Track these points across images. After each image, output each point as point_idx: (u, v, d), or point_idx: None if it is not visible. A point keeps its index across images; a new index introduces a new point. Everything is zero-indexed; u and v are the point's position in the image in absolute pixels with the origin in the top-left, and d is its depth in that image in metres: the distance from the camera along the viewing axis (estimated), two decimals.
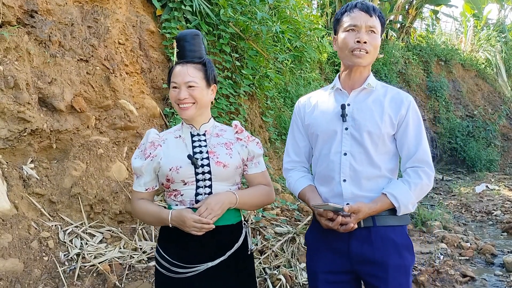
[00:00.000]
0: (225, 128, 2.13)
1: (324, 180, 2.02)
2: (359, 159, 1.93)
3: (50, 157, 3.37)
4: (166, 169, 1.93)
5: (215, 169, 1.96)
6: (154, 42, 4.53)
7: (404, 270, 1.92)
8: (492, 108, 14.16)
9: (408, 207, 1.91)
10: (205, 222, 1.85)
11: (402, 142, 1.96)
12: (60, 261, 2.95)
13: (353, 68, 1.99)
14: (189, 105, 1.95)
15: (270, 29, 5.33)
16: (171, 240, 1.98)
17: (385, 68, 10.89)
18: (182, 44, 2.02)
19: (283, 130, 6.06)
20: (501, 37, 14.82)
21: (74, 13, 3.73)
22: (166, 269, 1.94)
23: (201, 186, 1.95)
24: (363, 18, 1.92)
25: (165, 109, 4.34)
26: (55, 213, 3.20)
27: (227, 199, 1.94)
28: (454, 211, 7.65)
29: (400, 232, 1.95)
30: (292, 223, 4.40)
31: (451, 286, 4.18)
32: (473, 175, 11.54)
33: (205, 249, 1.93)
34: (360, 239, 1.92)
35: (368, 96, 1.99)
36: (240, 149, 2.05)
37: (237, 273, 1.99)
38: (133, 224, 3.47)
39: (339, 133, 1.97)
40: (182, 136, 2.03)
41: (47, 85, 3.31)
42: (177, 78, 1.96)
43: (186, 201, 1.96)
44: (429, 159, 1.93)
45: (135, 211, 2.04)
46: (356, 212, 1.84)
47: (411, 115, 1.95)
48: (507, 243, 5.79)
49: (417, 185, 1.90)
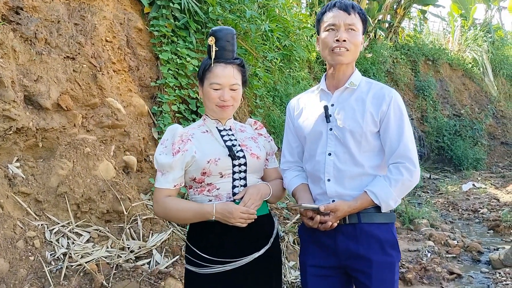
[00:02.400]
0: (243, 125, 2.20)
1: (313, 180, 2.08)
2: (343, 158, 1.97)
3: (36, 155, 3.33)
4: (203, 162, 1.93)
5: (250, 161, 2.01)
6: (142, 40, 4.50)
7: (388, 266, 1.94)
8: (478, 107, 14.31)
9: (389, 204, 1.92)
10: (251, 212, 1.90)
11: (384, 138, 1.98)
12: (46, 260, 2.92)
13: (336, 66, 2.01)
14: (230, 106, 2.00)
15: (259, 27, 5.32)
16: (211, 237, 1.96)
17: (373, 68, 10.93)
18: (223, 43, 1.99)
19: (272, 128, 6.06)
20: (487, 37, 14.96)
21: (61, 10, 3.69)
22: (206, 267, 1.91)
23: (237, 179, 1.99)
24: (341, 17, 1.94)
25: (153, 108, 4.32)
26: (41, 212, 3.17)
27: (264, 190, 2.02)
28: (441, 209, 7.72)
29: (386, 229, 1.97)
30: (280, 222, 4.41)
31: (438, 283, 4.22)
32: (460, 173, 11.65)
33: (248, 241, 1.96)
34: (346, 235, 1.95)
35: (351, 95, 2.02)
36: (265, 143, 2.16)
37: (272, 261, 2.06)
38: (120, 223, 3.44)
39: (324, 134, 2.01)
40: (209, 131, 2.05)
41: (33, 83, 3.27)
42: (221, 79, 1.97)
43: (222, 194, 1.97)
44: (411, 154, 1.93)
45: (166, 209, 1.96)
46: (334, 211, 1.88)
47: (392, 111, 1.96)
48: (493, 241, 5.87)
49: (398, 181, 1.91)
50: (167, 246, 3.41)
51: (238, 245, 1.94)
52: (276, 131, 5.98)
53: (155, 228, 3.55)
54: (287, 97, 6.65)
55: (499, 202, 7.84)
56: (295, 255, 3.89)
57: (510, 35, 18.31)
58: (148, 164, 4.07)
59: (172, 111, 4.36)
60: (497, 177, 10.82)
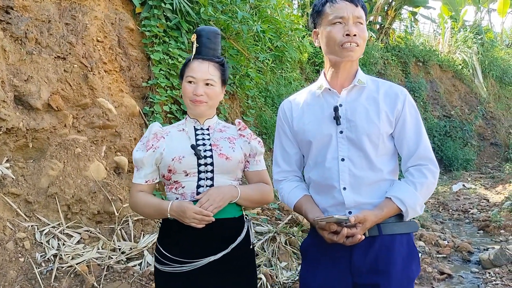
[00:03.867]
0: (228, 125, 2.14)
1: (322, 190, 1.86)
2: (359, 164, 1.78)
3: (26, 156, 3.30)
4: (169, 159, 1.92)
5: (218, 161, 1.95)
6: (134, 40, 4.48)
7: (407, 283, 1.81)
8: (468, 108, 14.42)
9: (416, 210, 1.76)
10: (205, 214, 1.83)
11: (401, 139, 1.82)
12: (36, 262, 2.90)
13: (340, 64, 1.81)
14: (203, 102, 1.95)
15: (251, 28, 5.32)
16: (171, 235, 1.96)
17: (364, 69, 10.97)
18: (203, 40, 2.00)
19: (264, 129, 6.07)
20: (477, 38, 15.08)
21: (51, 10, 3.66)
22: (167, 265, 1.91)
23: (203, 178, 1.94)
24: (349, 9, 1.74)
25: (145, 108, 4.30)
26: (31, 213, 3.14)
27: (229, 192, 1.93)
28: (431, 210, 7.77)
29: (407, 241, 1.82)
30: (272, 222, 4.41)
31: (429, 283, 4.24)
32: (450, 174, 11.73)
33: (207, 243, 1.91)
34: (364, 249, 1.76)
35: (360, 94, 1.83)
36: (243, 145, 2.05)
37: (239, 268, 1.97)
38: (111, 224, 3.42)
39: (334, 137, 1.81)
40: (185, 130, 2.04)
41: (23, 83, 3.24)
42: (196, 73, 1.95)
43: (187, 193, 1.94)
44: (431, 155, 1.80)
45: (135, 204, 2.00)
46: (362, 222, 1.68)
47: (408, 110, 1.81)
48: (483, 241, 5.91)
49: (423, 185, 1.76)
50: None
51: (195, 246, 1.91)
52: (268, 132, 5.99)
53: (146, 229, 3.54)
54: (279, 98, 6.66)
55: (489, 203, 7.91)
56: (287, 255, 3.89)
57: (499, 37, 18.51)
58: None
59: (163, 111, 4.35)
60: (486, 178, 10.91)
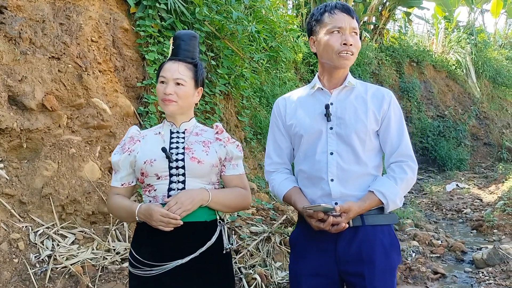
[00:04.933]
0: (206, 129, 2.14)
1: (311, 181, 2.00)
2: (346, 158, 1.94)
3: (20, 156, 3.29)
4: (141, 162, 1.94)
5: (189, 164, 1.95)
6: (128, 40, 4.47)
7: (390, 270, 1.92)
8: (462, 108, 14.49)
9: (396, 203, 1.92)
10: (172, 217, 1.82)
11: (385, 137, 1.98)
12: (30, 263, 2.89)
13: (335, 70, 1.98)
14: (172, 102, 1.96)
15: (245, 28, 5.32)
16: (143, 238, 1.96)
17: (359, 69, 11.01)
18: (178, 42, 2.06)
19: (259, 129, 6.07)
20: (470, 39, 15.16)
21: (46, 10, 3.65)
22: (138, 268, 1.90)
23: (175, 181, 1.94)
24: (347, 20, 1.92)
25: (139, 108, 4.29)
26: (25, 214, 3.13)
27: (199, 195, 1.91)
28: (425, 209, 7.80)
29: (388, 232, 1.96)
30: (267, 223, 4.41)
31: (423, 283, 4.26)
32: (443, 174, 11.79)
33: (176, 246, 1.89)
34: (348, 239, 1.91)
35: (350, 94, 2.00)
36: (218, 148, 2.04)
37: (211, 273, 1.95)
38: (106, 224, 3.41)
39: (324, 132, 1.97)
40: (161, 133, 2.05)
41: (17, 83, 3.23)
42: (166, 73, 1.98)
43: (158, 196, 1.94)
44: (411, 153, 1.96)
45: (110, 206, 2.02)
46: (346, 212, 1.84)
47: (392, 110, 1.98)
48: (476, 241, 5.95)
49: (402, 180, 1.92)
50: None
51: (164, 249, 1.90)
52: (263, 132, 5.99)
53: None
54: (274, 98, 6.66)
55: (482, 202, 7.95)
56: (281, 255, 3.90)
57: (492, 38, 18.62)
58: None
59: (158, 111, 4.34)
60: (480, 178, 10.96)
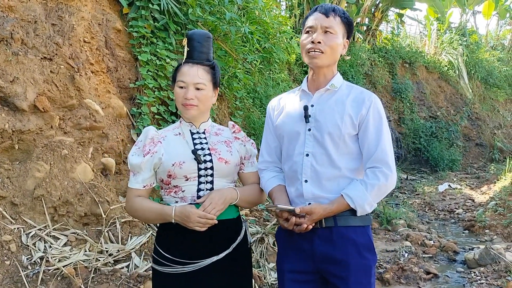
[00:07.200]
0: (222, 128, 2.19)
1: (290, 180, 2.07)
2: (320, 160, 1.96)
3: (12, 158, 3.27)
4: (169, 165, 1.96)
5: (218, 165, 2.01)
6: (121, 40, 4.45)
7: (364, 270, 1.94)
8: (454, 109, 14.58)
9: (364, 208, 1.92)
10: (209, 217, 1.89)
11: (362, 142, 1.98)
12: (22, 265, 2.87)
13: (316, 69, 2.03)
14: (194, 106, 1.99)
15: (239, 29, 5.33)
16: (171, 238, 2.00)
17: (352, 70, 11.03)
18: (194, 44, 2.04)
19: (252, 130, 6.07)
20: (462, 40, 15.27)
21: (38, 10, 3.63)
22: (168, 266, 1.94)
23: (203, 182, 2.00)
24: (319, 19, 1.97)
25: (132, 109, 4.28)
26: (17, 215, 3.11)
27: (229, 194, 2.00)
28: (418, 210, 7.84)
29: (361, 232, 1.97)
30: (261, 223, 4.42)
31: (415, 283, 4.29)
32: (436, 174, 11.85)
33: (208, 244, 1.96)
34: (322, 239, 1.95)
35: (331, 97, 2.02)
36: (239, 147, 2.13)
37: (239, 267, 2.05)
38: (98, 226, 3.40)
39: (302, 134, 2.01)
40: (182, 134, 2.07)
41: (8, 84, 3.21)
42: (186, 77, 1.99)
43: (187, 197, 1.98)
44: (387, 159, 1.94)
45: (133, 209, 2.02)
46: (309, 213, 1.88)
47: (371, 115, 1.96)
48: (468, 241, 5.99)
49: (373, 186, 1.91)
50: (146, 249, 3.39)
51: (197, 247, 1.96)
52: (256, 133, 5.99)
53: (134, 231, 3.52)
54: (267, 99, 6.66)
55: (474, 203, 8.00)
56: (275, 256, 3.90)
57: (484, 39, 18.75)
58: (126, 166, 4.01)
59: (151, 112, 4.33)
60: (472, 178, 11.03)
